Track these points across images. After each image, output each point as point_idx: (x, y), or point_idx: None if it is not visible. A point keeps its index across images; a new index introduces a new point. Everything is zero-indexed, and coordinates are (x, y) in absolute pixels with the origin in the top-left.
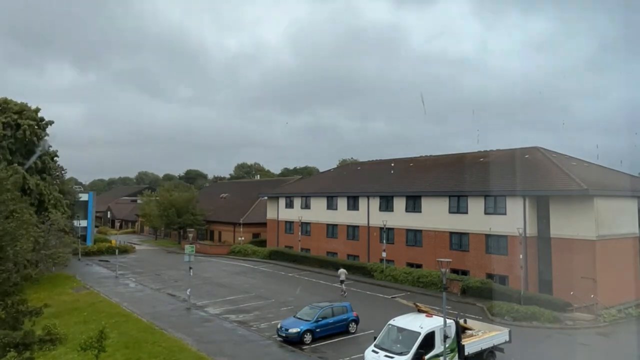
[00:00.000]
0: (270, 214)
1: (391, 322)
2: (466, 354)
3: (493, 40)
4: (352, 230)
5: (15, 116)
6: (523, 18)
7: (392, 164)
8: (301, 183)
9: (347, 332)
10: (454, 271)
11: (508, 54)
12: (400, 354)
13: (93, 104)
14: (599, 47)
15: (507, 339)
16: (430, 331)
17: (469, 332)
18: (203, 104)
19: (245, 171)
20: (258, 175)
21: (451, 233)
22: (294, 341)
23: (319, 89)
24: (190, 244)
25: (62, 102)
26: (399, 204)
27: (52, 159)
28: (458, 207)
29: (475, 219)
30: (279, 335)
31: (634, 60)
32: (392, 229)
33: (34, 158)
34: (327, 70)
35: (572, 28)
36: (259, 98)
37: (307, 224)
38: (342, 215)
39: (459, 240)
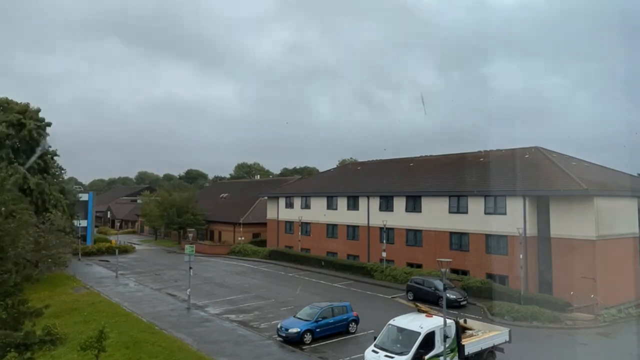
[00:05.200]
0: (270, 214)
1: (391, 322)
2: (466, 354)
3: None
4: (352, 230)
5: (19, 116)
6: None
7: (392, 164)
8: (301, 183)
9: (347, 332)
10: (454, 271)
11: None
12: (400, 353)
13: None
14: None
15: (507, 339)
16: (430, 331)
17: (469, 332)
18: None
19: (245, 171)
20: (258, 175)
21: (451, 233)
22: (294, 341)
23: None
24: (190, 244)
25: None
26: (399, 204)
27: (52, 158)
28: (458, 207)
29: (475, 219)
30: (279, 335)
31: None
32: (392, 229)
33: (34, 158)
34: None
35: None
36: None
37: (307, 223)
38: (342, 215)
39: (459, 240)
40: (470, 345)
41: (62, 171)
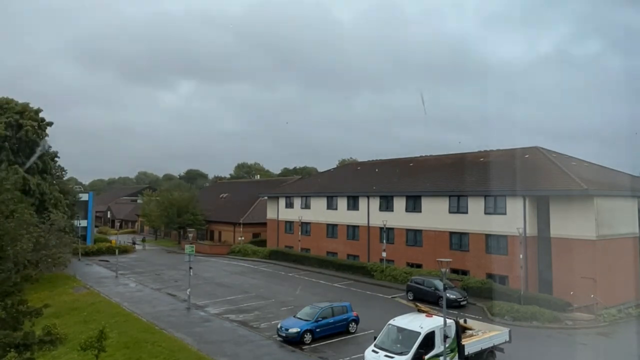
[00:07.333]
0: (270, 214)
1: (391, 322)
2: (466, 354)
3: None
4: (352, 230)
5: (17, 116)
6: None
7: (392, 164)
8: (301, 183)
9: (347, 332)
10: (454, 271)
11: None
12: (400, 353)
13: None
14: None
15: (507, 339)
16: (430, 331)
17: (469, 332)
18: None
19: (245, 171)
20: (258, 175)
21: (451, 233)
22: (294, 341)
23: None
24: (190, 243)
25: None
26: (399, 203)
27: (52, 159)
28: (458, 207)
29: (475, 219)
30: (279, 335)
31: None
32: (392, 228)
33: (34, 158)
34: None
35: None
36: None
37: (307, 223)
38: (342, 215)
39: (459, 240)
40: (470, 345)
41: (63, 172)
